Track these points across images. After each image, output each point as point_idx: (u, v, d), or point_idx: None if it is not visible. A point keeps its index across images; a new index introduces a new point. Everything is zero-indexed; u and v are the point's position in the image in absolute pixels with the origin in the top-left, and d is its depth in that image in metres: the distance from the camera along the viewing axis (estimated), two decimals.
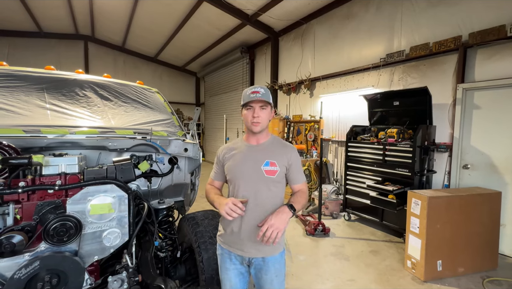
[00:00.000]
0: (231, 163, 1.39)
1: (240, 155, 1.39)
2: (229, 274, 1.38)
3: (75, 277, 1.13)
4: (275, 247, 1.32)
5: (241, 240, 1.31)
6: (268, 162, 1.33)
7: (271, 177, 1.32)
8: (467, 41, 3.45)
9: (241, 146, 1.42)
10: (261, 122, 1.33)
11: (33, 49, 8.97)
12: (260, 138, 1.41)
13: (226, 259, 1.39)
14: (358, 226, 4.16)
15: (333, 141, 5.56)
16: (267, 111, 1.35)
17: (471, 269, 2.80)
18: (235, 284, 1.38)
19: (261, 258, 1.33)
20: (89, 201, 1.24)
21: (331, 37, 5.56)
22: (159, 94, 2.83)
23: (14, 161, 1.17)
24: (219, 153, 1.47)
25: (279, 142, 1.44)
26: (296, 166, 1.39)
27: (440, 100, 3.79)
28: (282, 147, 1.41)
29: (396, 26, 4.34)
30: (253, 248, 1.31)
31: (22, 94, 1.96)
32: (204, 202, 5.39)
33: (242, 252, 1.33)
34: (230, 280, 1.38)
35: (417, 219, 2.74)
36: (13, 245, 1.08)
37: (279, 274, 1.36)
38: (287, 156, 1.37)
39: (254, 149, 1.38)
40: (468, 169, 3.55)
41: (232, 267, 1.38)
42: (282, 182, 1.38)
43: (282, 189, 1.38)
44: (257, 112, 1.31)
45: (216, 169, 1.48)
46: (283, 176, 1.37)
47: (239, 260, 1.37)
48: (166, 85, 11.49)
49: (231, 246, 1.35)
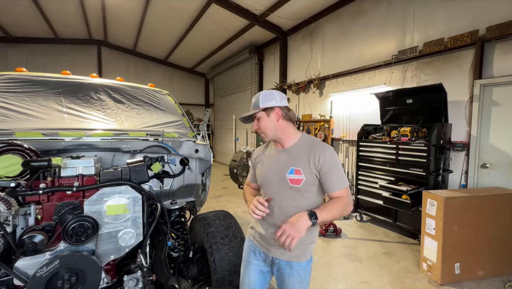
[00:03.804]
0: (259, 168, 1.37)
1: (268, 161, 1.34)
2: (250, 269, 1.36)
3: (93, 275, 1.16)
4: (301, 255, 1.26)
5: (266, 241, 1.30)
6: (293, 169, 1.21)
7: (296, 186, 1.20)
8: (485, 35, 3.31)
9: (270, 150, 1.38)
10: (264, 132, 1.28)
11: (50, 55, 9.33)
12: (285, 142, 1.29)
13: (251, 252, 1.37)
14: (370, 227, 4.08)
15: (344, 140, 5.47)
16: (264, 119, 1.26)
17: (492, 273, 2.69)
18: (253, 282, 1.34)
19: (285, 261, 1.27)
20: (105, 202, 1.28)
21: (341, 35, 5.48)
22: (169, 96, 2.88)
23: (35, 163, 1.21)
24: (254, 155, 1.47)
25: (308, 143, 1.27)
26: (329, 170, 1.18)
27: (456, 97, 3.66)
28: (309, 150, 1.23)
29: (409, 21, 4.23)
30: (278, 250, 1.26)
31: (41, 99, 2.04)
32: (215, 202, 5.44)
33: (267, 251, 1.30)
34: (250, 276, 1.35)
35: (433, 220, 2.66)
36: (35, 244, 1.12)
37: (303, 281, 1.28)
38: (314, 160, 1.19)
39: (280, 154, 1.29)
40: (487, 168, 3.41)
41: (255, 262, 1.35)
42: (312, 191, 1.22)
43: (312, 199, 1.23)
44: (255, 125, 1.29)
45: (252, 171, 1.47)
46: (312, 183, 1.21)
47: (262, 257, 1.34)
48: (176, 87, 11.67)
49: (259, 241, 1.34)
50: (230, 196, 6.05)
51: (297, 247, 1.21)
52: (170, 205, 1.93)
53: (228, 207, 5.08)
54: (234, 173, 6.54)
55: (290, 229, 1.08)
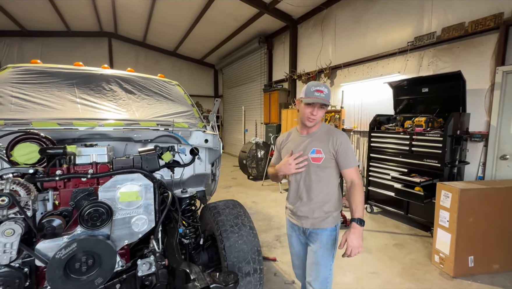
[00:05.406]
0: (285, 151, 1.63)
1: (292, 144, 1.60)
2: (292, 241, 1.72)
3: (108, 259, 1.21)
4: (322, 221, 1.51)
5: (295, 214, 1.60)
6: (314, 150, 1.49)
7: (317, 163, 1.48)
8: (510, 18, 3.11)
9: (295, 135, 1.64)
10: (316, 119, 1.48)
11: (63, 48, 9.51)
12: (311, 128, 1.55)
13: (289, 227, 1.71)
14: (381, 219, 4.03)
15: (355, 131, 5.36)
16: (324, 110, 1.49)
17: (508, 267, 2.62)
18: (298, 250, 1.70)
19: (311, 228, 1.54)
20: (118, 189, 1.31)
21: (354, 22, 5.28)
22: (179, 86, 2.88)
23: (51, 150, 1.25)
24: (278, 141, 1.74)
25: (327, 130, 1.56)
26: (343, 150, 1.46)
27: (475, 85, 3.49)
28: (328, 134, 1.51)
29: (427, 5, 4.01)
30: (305, 220, 1.56)
31: (55, 90, 2.09)
32: (225, 192, 5.51)
33: (298, 222, 1.60)
34: (293, 247, 1.72)
35: (447, 212, 2.59)
36: (53, 228, 1.17)
37: (325, 247, 1.52)
38: (332, 142, 1.47)
39: (304, 139, 1.56)
40: (506, 160, 3.27)
41: (293, 234, 1.69)
42: (330, 167, 1.50)
43: (330, 173, 1.52)
44: (316, 111, 1.46)
45: (276, 154, 1.76)
46: (330, 161, 1.49)
47: (297, 230, 1.65)
48: (185, 78, 11.70)
49: (291, 216, 1.65)
50: (239, 186, 6.11)
51: (319, 216, 1.52)
52: (181, 194, 1.96)
53: (237, 197, 5.14)
54: (243, 164, 6.57)
55: (354, 243, 1.39)
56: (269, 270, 2.64)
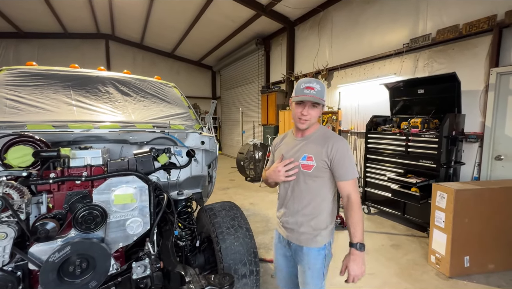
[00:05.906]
0: (277, 154, 1.47)
1: (285, 148, 1.44)
2: (276, 254, 1.55)
3: (103, 262, 1.20)
4: (310, 240, 1.34)
5: (282, 224, 1.44)
6: (305, 156, 1.31)
7: (307, 171, 1.30)
8: (503, 20, 3.14)
9: (289, 138, 1.48)
10: (310, 119, 1.29)
11: (60, 50, 9.47)
12: (306, 131, 1.37)
13: (276, 238, 1.54)
14: (378, 220, 4.04)
15: (352, 132, 5.39)
16: (318, 109, 1.30)
17: (503, 266, 2.63)
18: (281, 264, 1.52)
19: (296, 244, 1.38)
20: (113, 191, 1.31)
21: (350, 23, 5.31)
22: (176, 88, 2.88)
23: (45, 153, 1.25)
24: (273, 144, 1.59)
25: (324, 134, 1.36)
26: (339, 159, 1.26)
27: (470, 87, 3.52)
28: (325, 139, 1.32)
29: (422, 7, 4.05)
30: (291, 234, 1.39)
31: (51, 92, 2.09)
32: (222, 194, 5.50)
33: (284, 234, 1.44)
34: (277, 260, 1.55)
35: (443, 213, 2.61)
36: (47, 231, 1.17)
37: (313, 268, 1.34)
38: (328, 148, 1.28)
39: (298, 142, 1.39)
40: (501, 160, 3.30)
41: (279, 246, 1.51)
42: (322, 177, 1.30)
43: (323, 184, 1.32)
44: (307, 110, 1.27)
45: (271, 157, 1.60)
46: (322, 170, 1.29)
47: (284, 242, 1.47)
48: (183, 80, 11.69)
49: (279, 226, 1.49)
50: (237, 188, 6.10)
51: (306, 231, 1.34)
52: (177, 196, 1.96)
53: (235, 198, 5.13)
54: (241, 166, 6.57)
55: (355, 271, 1.21)
56: (266, 271, 2.64)
